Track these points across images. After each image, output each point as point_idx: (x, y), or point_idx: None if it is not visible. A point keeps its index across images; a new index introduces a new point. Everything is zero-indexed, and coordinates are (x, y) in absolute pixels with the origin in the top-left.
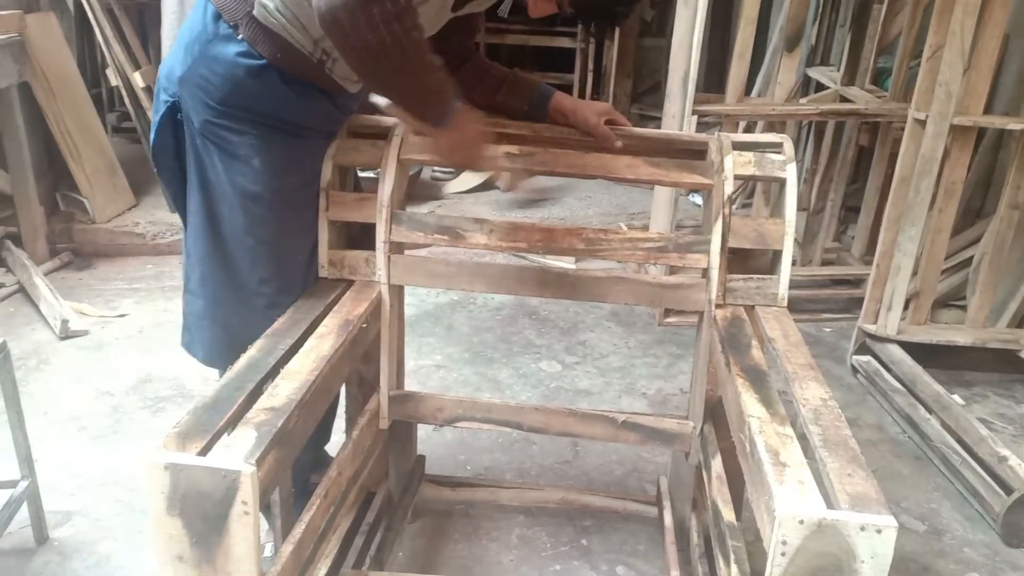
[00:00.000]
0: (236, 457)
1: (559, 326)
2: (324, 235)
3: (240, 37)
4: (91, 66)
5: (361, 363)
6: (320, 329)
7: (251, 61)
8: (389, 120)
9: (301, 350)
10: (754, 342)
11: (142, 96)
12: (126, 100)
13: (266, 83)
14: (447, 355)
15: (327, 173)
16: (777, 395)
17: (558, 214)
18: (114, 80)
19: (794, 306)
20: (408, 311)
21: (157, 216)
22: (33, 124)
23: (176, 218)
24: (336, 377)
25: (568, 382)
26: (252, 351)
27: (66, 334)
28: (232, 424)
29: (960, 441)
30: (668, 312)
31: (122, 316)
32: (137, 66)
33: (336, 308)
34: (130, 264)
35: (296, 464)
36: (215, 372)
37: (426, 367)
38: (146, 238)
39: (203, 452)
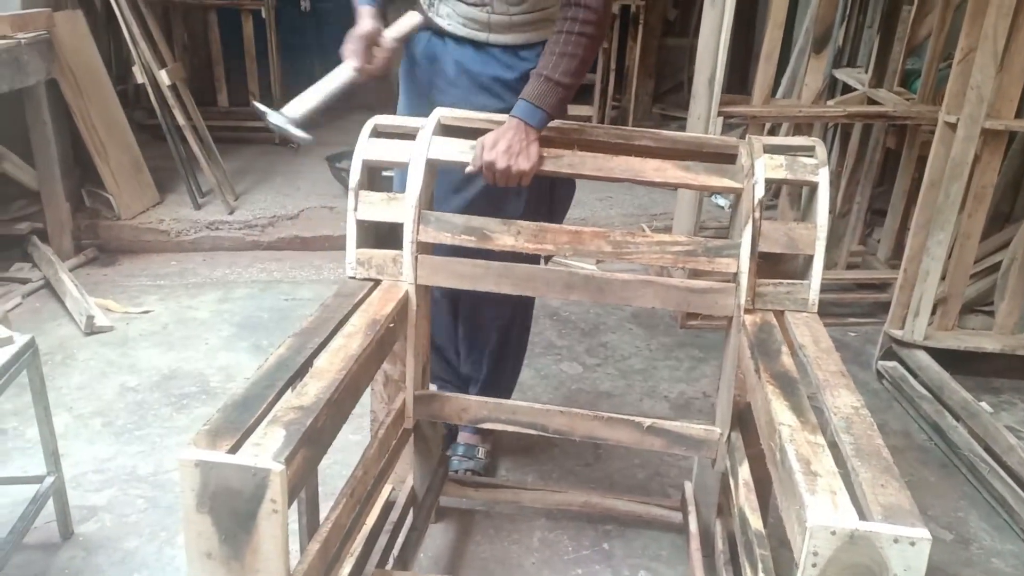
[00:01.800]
0: (266, 455)
1: (580, 327)
2: (352, 234)
3: None
4: (117, 63)
5: (387, 362)
6: (347, 328)
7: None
8: (416, 121)
9: (329, 348)
10: (784, 348)
11: (167, 93)
12: (152, 97)
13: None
14: None
15: (356, 173)
16: (808, 403)
17: (579, 215)
18: (140, 77)
19: (818, 310)
20: None
21: (181, 213)
22: (60, 121)
23: (199, 215)
24: (364, 376)
25: (589, 384)
26: (281, 349)
27: (91, 330)
28: (261, 422)
29: (988, 449)
30: (690, 315)
31: (146, 312)
32: (163, 63)
33: (363, 307)
34: (154, 261)
35: None
36: (238, 369)
37: None
38: (170, 235)
39: (233, 450)
